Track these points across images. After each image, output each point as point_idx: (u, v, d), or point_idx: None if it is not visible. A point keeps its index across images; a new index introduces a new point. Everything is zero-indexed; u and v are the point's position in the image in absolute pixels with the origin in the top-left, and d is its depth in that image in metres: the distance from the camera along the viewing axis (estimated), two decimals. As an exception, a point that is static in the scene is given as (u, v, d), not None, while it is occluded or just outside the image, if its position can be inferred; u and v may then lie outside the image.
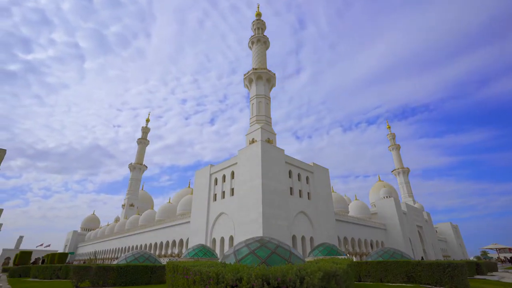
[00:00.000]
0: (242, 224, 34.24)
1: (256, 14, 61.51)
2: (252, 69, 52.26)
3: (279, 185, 36.09)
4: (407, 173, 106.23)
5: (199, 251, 27.59)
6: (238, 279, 6.06)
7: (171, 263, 10.56)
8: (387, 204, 65.35)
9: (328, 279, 6.77)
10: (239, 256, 10.62)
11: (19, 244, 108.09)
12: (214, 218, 40.23)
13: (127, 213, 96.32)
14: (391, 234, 62.16)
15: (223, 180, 41.81)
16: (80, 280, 17.90)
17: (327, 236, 41.54)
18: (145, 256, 22.56)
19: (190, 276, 7.68)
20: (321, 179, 45.79)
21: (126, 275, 17.90)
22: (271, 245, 11.03)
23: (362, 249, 54.46)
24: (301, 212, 38.95)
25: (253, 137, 45.45)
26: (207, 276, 6.69)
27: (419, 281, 17.07)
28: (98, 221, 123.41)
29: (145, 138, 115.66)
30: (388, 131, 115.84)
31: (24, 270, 35.97)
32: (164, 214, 62.83)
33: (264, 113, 48.47)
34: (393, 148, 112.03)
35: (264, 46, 57.68)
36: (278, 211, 34.31)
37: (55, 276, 27.82)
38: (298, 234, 36.94)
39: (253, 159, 36.08)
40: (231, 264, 7.67)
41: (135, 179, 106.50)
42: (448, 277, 15.85)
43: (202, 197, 44.36)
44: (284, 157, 39.41)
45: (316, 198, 42.62)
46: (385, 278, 18.42)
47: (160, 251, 54.32)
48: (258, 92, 50.39)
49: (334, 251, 26.51)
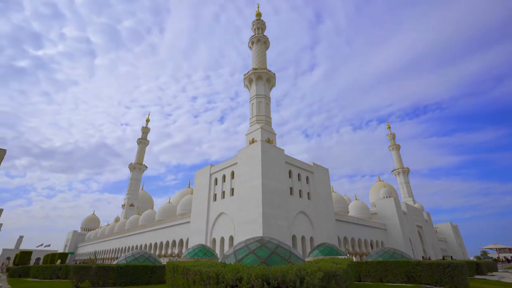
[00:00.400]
0: (242, 224, 34.24)
1: (256, 14, 61.48)
2: (252, 69, 52.28)
3: (279, 185, 36.09)
4: (407, 173, 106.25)
5: (199, 251, 27.60)
6: (238, 279, 6.07)
7: (171, 263, 10.55)
8: (387, 204, 65.38)
9: (328, 279, 6.77)
10: (239, 256, 10.61)
11: (19, 244, 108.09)
12: (214, 218, 40.23)
13: (127, 213, 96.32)
14: (391, 234, 62.19)
15: (223, 180, 41.83)
16: (80, 280, 17.90)
17: (327, 236, 41.55)
18: (145, 256, 22.56)
19: (190, 276, 7.68)
20: (321, 179, 45.80)
21: (126, 275, 17.91)
22: (271, 245, 11.02)
23: (362, 249, 54.46)
24: (301, 212, 38.95)
25: (253, 137, 45.47)
26: (207, 276, 6.69)
27: (419, 281, 17.07)
28: (98, 221, 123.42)
29: (145, 138, 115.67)
30: (388, 131, 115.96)
31: (24, 270, 35.97)
32: (164, 214, 62.85)
33: (264, 113, 48.50)
34: (393, 148, 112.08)
35: (264, 46, 57.69)
36: (278, 211, 34.31)
37: (55, 276, 27.83)
38: (298, 234, 36.94)
39: (253, 159, 36.08)
40: (231, 264, 7.66)
41: (135, 179, 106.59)
42: (448, 277, 15.86)
43: (202, 197, 44.37)
44: (284, 157, 39.41)
45: (316, 198, 42.62)
46: (385, 278, 18.42)
47: (160, 251, 54.33)
48: (258, 92, 50.42)
49: (334, 251, 26.53)
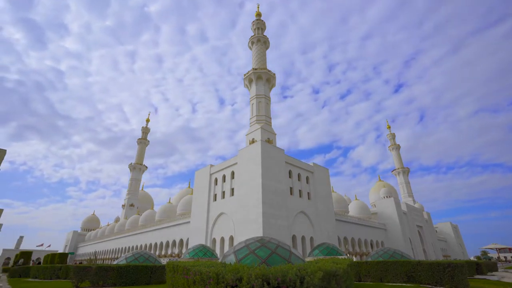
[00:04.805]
0: (242, 224, 34.23)
1: (256, 14, 61.45)
2: (252, 69, 52.27)
3: (279, 185, 36.08)
4: (407, 173, 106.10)
5: (199, 251, 27.60)
6: (238, 279, 6.06)
7: (171, 263, 10.56)
8: (387, 204, 65.35)
9: (328, 279, 6.77)
10: (239, 256, 10.60)
11: (19, 244, 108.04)
12: (214, 218, 40.22)
13: (127, 213, 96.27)
14: (391, 234, 62.17)
15: (223, 180, 41.82)
16: (80, 280, 17.91)
17: (327, 236, 41.55)
18: (145, 256, 22.56)
19: (190, 276, 7.67)
20: (321, 179, 45.79)
21: (126, 275, 17.91)
22: (271, 245, 11.02)
23: (362, 249, 54.45)
24: (301, 212, 38.94)
25: (253, 137, 45.46)
26: (207, 276, 6.69)
27: (419, 281, 17.06)
28: (98, 221, 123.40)
29: (145, 138, 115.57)
30: (388, 131, 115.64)
31: (24, 270, 35.96)
32: (164, 214, 62.82)
33: (264, 113, 48.48)
34: (393, 148, 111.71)
35: (264, 46, 57.68)
36: (278, 211, 34.30)
37: (55, 276, 27.83)
38: (298, 234, 36.93)
39: (253, 159, 36.06)
40: (231, 264, 7.66)
41: (135, 179, 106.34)
42: (448, 277, 15.84)
43: (202, 197, 44.36)
44: (284, 157, 39.41)
45: (316, 198, 42.61)
46: (385, 278, 18.42)
47: (160, 251, 54.31)
48: (258, 92, 50.42)
49: (334, 251, 26.55)
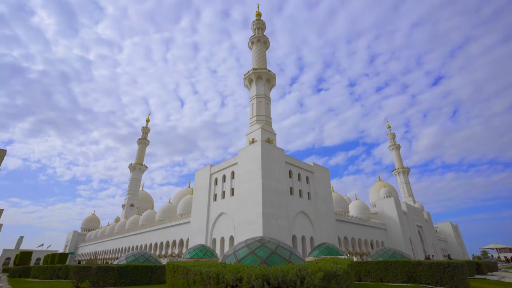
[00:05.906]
0: (242, 224, 34.23)
1: (256, 14, 61.44)
2: (252, 69, 52.27)
3: (279, 185, 36.07)
4: (407, 173, 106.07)
5: (199, 251, 27.60)
6: (238, 279, 6.06)
7: (171, 263, 10.55)
8: (387, 204, 65.34)
9: (328, 279, 6.76)
10: (239, 256, 10.60)
11: (19, 245, 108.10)
12: (214, 218, 40.22)
13: (127, 213, 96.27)
14: (391, 234, 62.16)
15: (223, 180, 41.81)
16: (80, 280, 17.91)
17: (327, 236, 41.54)
18: (145, 256, 22.55)
19: (190, 276, 7.67)
20: (321, 179, 45.79)
21: (127, 275, 17.91)
22: (271, 245, 11.01)
23: (362, 249, 54.44)
24: (301, 212, 38.94)
25: (253, 137, 45.46)
26: (207, 276, 6.69)
27: (419, 281, 17.06)
28: (98, 221, 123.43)
29: (145, 138, 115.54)
30: (388, 131, 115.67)
31: (24, 270, 35.97)
32: (164, 214, 62.82)
33: (264, 113, 48.49)
34: (393, 148, 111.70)
35: (264, 46, 57.68)
36: (278, 211, 34.30)
37: (55, 276, 27.83)
38: (298, 234, 36.93)
39: (253, 159, 36.07)
40: (231, 264, 7.66)
41: (135, 179, 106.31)
42: (448, 277, 15.84)
43: (202, 197, 44.35)
44: (284, 157, 39.40)
45: (316, 198, 42.61)
46: (385, 278, 18.41)
47: (160, 251, 54.32)
48: (258, 92, 50.42)
49: (334, 251, 26.54)
